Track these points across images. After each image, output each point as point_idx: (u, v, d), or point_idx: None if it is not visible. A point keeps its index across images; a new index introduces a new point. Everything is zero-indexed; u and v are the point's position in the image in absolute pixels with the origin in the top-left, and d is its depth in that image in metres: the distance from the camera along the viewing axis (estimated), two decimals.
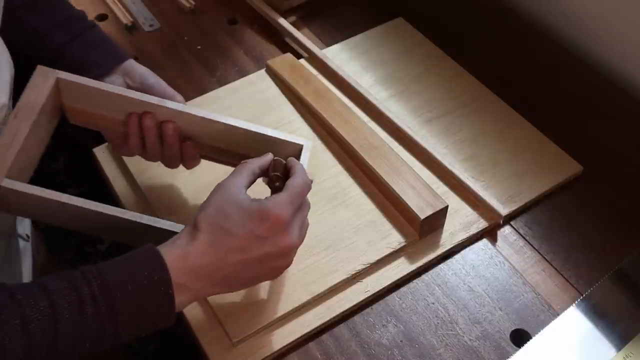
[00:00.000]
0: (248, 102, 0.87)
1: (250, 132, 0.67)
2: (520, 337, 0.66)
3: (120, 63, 0.72)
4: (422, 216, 0.71)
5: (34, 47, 0.73)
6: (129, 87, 0.71)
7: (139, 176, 0.78)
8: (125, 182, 0.79)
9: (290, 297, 0.67)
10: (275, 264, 0.57)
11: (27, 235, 0.85)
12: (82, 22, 0.74)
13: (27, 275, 0.84)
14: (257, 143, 0.68)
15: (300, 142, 0.68)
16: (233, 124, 0.67)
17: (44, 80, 0.66)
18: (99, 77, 0.70)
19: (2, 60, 0.65)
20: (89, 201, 0.63)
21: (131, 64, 0.73)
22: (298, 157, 0.66)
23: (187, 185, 0.77)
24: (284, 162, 0.63)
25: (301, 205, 0.59)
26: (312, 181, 0.71)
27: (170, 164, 0.71)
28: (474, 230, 0.74)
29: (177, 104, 0.68)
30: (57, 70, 0.66)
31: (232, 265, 0.55)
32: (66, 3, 0.76)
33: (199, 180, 0.77)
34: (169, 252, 0.54)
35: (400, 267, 0.71)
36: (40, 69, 0.66)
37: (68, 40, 0.72)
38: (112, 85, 0.68)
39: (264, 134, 0.67)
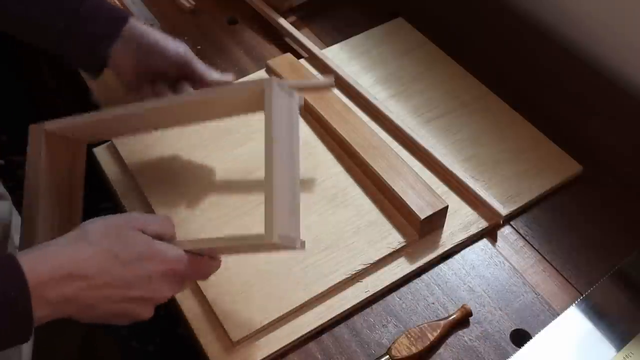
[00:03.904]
0: None
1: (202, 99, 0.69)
2: (520, 337, 0.66)
3: (123, 25, 0.72)
4: (422, 216, 0.71)
5: (36, 38, 0.72)
6: (137, 54, 0.72)
7: (139, 176, 0.78)
8: (125, 182, 0.79)
9: (290, 297, 0.67)
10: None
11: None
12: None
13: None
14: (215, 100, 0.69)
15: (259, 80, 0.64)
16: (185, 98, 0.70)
17: (38, 138, 0.68)
18: (109, 47, 0.71)
19: None
20: None
21: (130, 25, 0.72)
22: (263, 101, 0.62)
23: (187, 186, 0.77)
24: None
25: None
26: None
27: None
28: (474, 230, 0.74)
29: (151, 103, 0.69)
30: (45, 122, 0.68)
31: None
32: None
33: (198, 181, 0.77)
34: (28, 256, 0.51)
35: (400, 267, 0.71)
36: (32, 128, 0.68)
37: (68, 24, 0.70)
38: (95, 113, 0.69)
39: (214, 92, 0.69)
